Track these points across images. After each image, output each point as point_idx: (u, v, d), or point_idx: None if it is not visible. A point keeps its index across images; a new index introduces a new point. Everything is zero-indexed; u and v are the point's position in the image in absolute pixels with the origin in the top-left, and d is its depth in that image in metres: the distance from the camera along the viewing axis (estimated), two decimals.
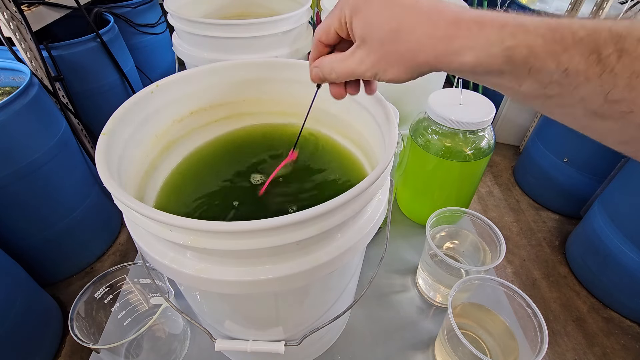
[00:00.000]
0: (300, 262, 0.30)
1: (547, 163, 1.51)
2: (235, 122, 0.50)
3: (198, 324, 0.40)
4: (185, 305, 0.52)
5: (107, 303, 0.51)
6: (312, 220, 0.26)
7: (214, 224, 0.24)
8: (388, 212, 0.38)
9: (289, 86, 0.47)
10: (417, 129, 0.61)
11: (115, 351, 0.45)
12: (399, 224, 0.72)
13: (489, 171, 1.81)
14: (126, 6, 1.70)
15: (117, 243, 1.42)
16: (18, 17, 1.06)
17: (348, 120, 0.46)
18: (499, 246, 0.51)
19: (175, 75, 0.42)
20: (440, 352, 0.49)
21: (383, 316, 0.56)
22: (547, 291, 1.29)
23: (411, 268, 0.63)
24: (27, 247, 1.10)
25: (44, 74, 1.16)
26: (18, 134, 0.96)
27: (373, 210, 0.34)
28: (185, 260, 0.30)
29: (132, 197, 0.26)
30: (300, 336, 0.41)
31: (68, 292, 1.24)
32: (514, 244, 1.46)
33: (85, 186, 1.23)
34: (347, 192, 0.27)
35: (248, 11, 0.88)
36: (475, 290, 0.51)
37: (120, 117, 0.36)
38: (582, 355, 1.12)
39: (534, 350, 0.41)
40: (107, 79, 1.45)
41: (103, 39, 1.36)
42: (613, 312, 1.22)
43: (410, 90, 0.72)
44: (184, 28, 0.66)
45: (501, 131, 1.92)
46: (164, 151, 0.44)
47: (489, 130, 0.58)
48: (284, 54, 0.70)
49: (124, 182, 0.35)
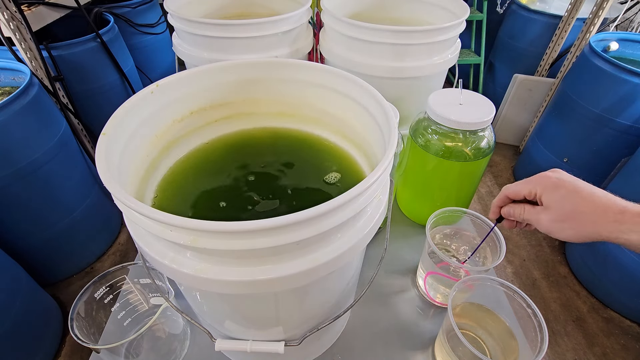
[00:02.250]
0: (300, 262, 0.30)
1: (547, 163, 1.51)
2: (235, 122, 0.50)
3: (198, 324, 0.41)
4: (185, 305, 0.52)
5: (107, 303, 0.51)
6: (312, 220, 0.26)
7: (214, 224, 0.24)
8: (388, 212, 0.38)
9: (289, 86, 0.47)
10: (417, 129, 0.61)
11: (115, 351, 0.45)
12: (399, 224, 0.72)
13: (489, 171, 1.81)
14: (126, 6, 1.70)
15: (117, 243, 1.42)
16: (18, 17, 1.06)
17: (348, 121, 0.46)
18: (499, 246, 0.51)
19: (175, 75, 0.42)
20: (440, 352, 0.49)
21: (383, 316, 0.56)
22: (547, 291, 1.29)
23: (411, 268, 0.63)
24: (27, 247, 1.10)
25: (44, 74, 1.16)
26: (18, 134, 0.96)
27: (373, 210, 0.34)
28: (185, 260, 0.30)
29: (132, 197, 0.26)
30: (300, 336, 0.41)
31: (68, 292, 1.24)
32: (514, 244, 1.46)
33: (85, 186, 1.23)
34: (347, 192, 0.27)
35: (248, 11, 0.88)
36: (475, 290, 0.51)
37: (120, 117, 0.36)
38: (582, 355, 1.12)
39: (534, 350, 0.41)
40: (107, 79, 1.45)
41: (103, 39, 1.36)
42: (613, 312, 1.22)
43: (410, 90, 0.72)
44: (184, 28, 0.66)
45: (501, 131, 1.92)
46: (164, 151, 0.44)
47: (489, 130, 0.58)
48: (284, 54, 0.70)
49: (124, 182, 0.35)
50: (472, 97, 0.59)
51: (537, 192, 0.37)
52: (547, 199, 0.36)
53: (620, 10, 1.65)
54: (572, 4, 1.57)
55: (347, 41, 0.68)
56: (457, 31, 0.68)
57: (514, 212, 0.40)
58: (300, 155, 0.48)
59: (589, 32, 1.51)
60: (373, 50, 0.66)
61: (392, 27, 0.62)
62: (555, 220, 0.35)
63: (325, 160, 0.47)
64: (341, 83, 0.44)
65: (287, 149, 0.49)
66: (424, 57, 0.67)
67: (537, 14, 1.74)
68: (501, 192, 0.42)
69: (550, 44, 1.70)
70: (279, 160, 0.47)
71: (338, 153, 0.48)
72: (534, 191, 0.37)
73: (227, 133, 0.50)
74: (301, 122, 0.51)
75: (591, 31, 1.50)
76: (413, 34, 0.63)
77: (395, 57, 0.66)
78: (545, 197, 0.36)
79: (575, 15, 1.57)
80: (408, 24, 0.84)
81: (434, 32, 0.64)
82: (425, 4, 0.80)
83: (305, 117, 0.50)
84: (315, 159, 0.48)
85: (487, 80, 2.12)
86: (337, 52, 0.71)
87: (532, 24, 1.77)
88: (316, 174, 0.45)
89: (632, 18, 1.73)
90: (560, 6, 1.75)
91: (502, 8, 1.95)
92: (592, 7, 1.47)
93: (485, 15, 1.91)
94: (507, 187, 0.41)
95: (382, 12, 0.85)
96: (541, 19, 1.73)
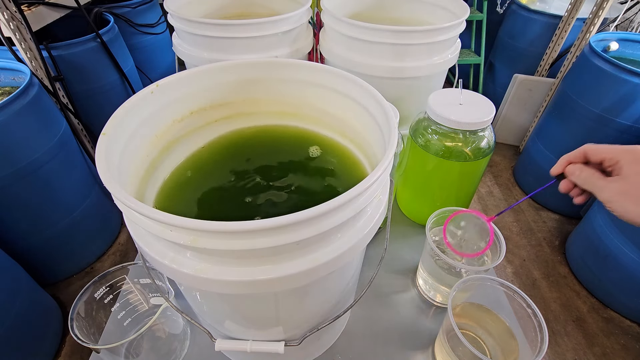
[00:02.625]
0: (300, 262, 0.30)
1: (547, 163, 1.51)
2: (235, 122, 0.50)
3: (198, 324, 0.41)
4: (185, 305, 0.52)
5: (107, 303, 0.51)
6: (312, 220, 0.26)
7: (214, 224, 0.24)
8: (388, 212, 0.38)
9: (289, 86, 0.47)
10: (417, 129, 0.61)
11: (115, 351, 0.45)
12: (399, 224, 0.72)
13: (489, 171, 1.81)
14: (126, 6, 1.70)
15: (117, 243, 1.42)
16: (18, 17, 1.06)
17: (348, 121, 0.46)
18: (499, 246, 0.51)
19: (175, 75, 0.42)
20: (440, 352, 0.49)
21: (383, 316, 0.56)
22: (547, 291, 1.29)
23: (411, 268, 0.63)
24: (27, 247, 1.10)
25: (44, 74, 1.16)
26: (18, 134, 0.96)
27: (373, 210, 0.34)
28: (185, 260, 0.30)
29: (132, 197, 0.26)
30: (300, 336, 0.41)
31: (68, 292, 1.24)
32: (514, 244, 1.46)
33: (85, 186, 1.23)
34: (347, 192, 0.27)
35: (248, 11, 0.88)
36: (475, 290, 0.51)
37: (120, 117, 0.36)
38: (582, 355, 1.12)
39: (534, 350, 0.41)
40: (107, 79, 1.45)
41: (103, 39, 1.36)
42: (613, 312, 1.22)
43: (410, 90, 0.72)
44: (184, 28, 0.66)
45: (501, 131, 1.92)
46: (164, 151, 0.44)
47: (489, 130, 0.58)
48: (284, 54, 0.70)
49: (124, 182, 0.35)
50: (472, 97, 0.59)
51: (620, 160, 0.34)
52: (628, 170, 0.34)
53: (620, 10, 1.65)
54: (572, 4, 1.57)
55: (347, 41, 0.68)
56: (457, 31, 0.68)
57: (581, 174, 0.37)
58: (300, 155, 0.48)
59: (589, 32, 1.51)
60: (373, 50, 0.66)
61: (392, 27, 0.62)
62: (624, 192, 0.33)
63: (326, 160, 0.47)
64: (341, 83, 0.44)
65: (287, 148, 0.49)
66: (424, 57, 0.67)
67: (537, 14, 1.74)
68: (579, 148, 0.39)
69: (550, 44, 1.70)
70: (279, 160, 0.47)
71: (338, 153, 0.48)
72: (616, 159, 0.35)
73: (227, 133, 0.50)
74: (301, 122, 0.51)
75: (591, 31, 1.50)
76: (413, 34, 0.63)
77: (395, 57, 0.66)
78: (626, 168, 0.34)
79: (575, 15, 1.57)
80: (408, 24, 0.84)
81: (434, 32, 0.64)
82: (425, 4, 0.80)
83: (306, 117, 0.50)
84: (316, 159, 0.48)
85: (487, 80, 2.12)
86: (337, 52, 0.71)
87: (532, 24, 1.77)
88: (316, 173, 0.45)
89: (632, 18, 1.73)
90: (560, 6, 1.75)
91: (502, 8, 1.95)
92: (592, 7, 1.47)
93: (485, 15, 1.91)
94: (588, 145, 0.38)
95: (382, 12, 0.85)
96: (541, 19, 1.73)
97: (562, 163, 0.40)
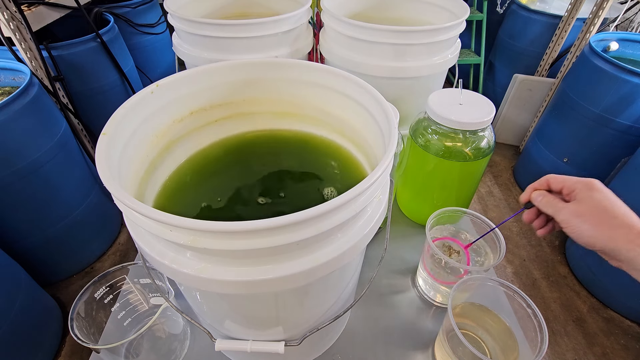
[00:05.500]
0: (300, 262, 0.30)
1: (547, 163, 1.51)
2: (235, 122, 0.50)
3: (198, 324, 0.41)
4: (185, 305, 0.52)
5: (107, 303, 0.51)
6: (312, 220, 0.26)
7: (214, 224, 0.24)
8: (388, 212, 0.38)
9: (289, 86, 0.47)
10: (417, 129, 0.61)
11: (115, 351, 0.45)
12: (399, 224, 0.72)
13: (489, 171, 1.81)
14: (126, 6, 1.69)
15: (117, 243, 1.42)
16: (18, 17, 1.06)
17: (348, 121, 0.46)
18: (499, 246, 0.51)
19: (175, 75, 0.42)
20: (440, 352, 0.49)
21: (383, 316, 0.56)
22: (547, 291, 1.29)
23: (411, 268, 0.63)
24: (27, 247, 1.10)
25: (44, 74, 1.16)
26: (18, 134, 0.96)
27: (373, 210, 0.34)
28: (185, 260, 0.30)
29: (132, 197, 0.26)
30: (301, 336, 0.41)
31: (68, 292, 1.24)
32: (514, 244, 1.46)
33: (85, 186, 1.23)
34: (347, 192, 0.27)
35: (248, 11, 0.88)
36: (475, 290, 0.51)
37: (120, 117, 0.36)
38: (582, 355, 1.12)
39: (534, 350, 0.41)
40: (107, 79, 1.44)
41: (103, 39, 1.36)
42: (613, 312, 1.22)
43: (410, 90, 0.72)
44: (184, 28, 0.66)
45: (501, 131, 1.92)
46: (164, 151, 0.44)
47: (489, 130, 0.58)
48: (284, 54, 0.70)
49: (124, 182, 0.35)
50: (472, 97, 0.59)
51: (576, 188, 0.38)
52: (582, 195, 0.37)
53: (620, 10, 1.65)
54: (572, 4, 1.57)
55: (347, 41, 0.68)
56: (457, 31, 0.68)
57: (543, 199, 0.41)
58: (300, 155, 0.48)
59: (589, 32, 1.51)
60: (373, 50, 0.66)
61: (392, 27, 0.62)
62: (579, 213, 0.37)
63: (326, 160, 0.47)
64: (341, 83, 0.44)
65: (287, 148, 0.50)
66: (424, 57, 0.67)
67: (537, 14, 1.74)
68: (542, 178, 0.43)
69: (550, 44, 1.70)
70: (279, 160, 0.47)
71: (338, 153, 0.48)
72: (573, 187, 0.38)
73: (227, 133, 0.50)
74: (301, 122, 0.51)
75: (591, 31, 1.50)
76: (413, 34, 0.63)
77: (395, 57, 0.66)
78: (581, 193, 0.37)
79: (575, 15, 1.57)
80: (408, 24, 0.84)
81: (434, 32, 0.64)
82: (425, 4, 0.80)
83: (306, 117, 0.50)
84: (315, 159, 0.48)
85: (487, 80, 2.12)
86: (337, 52, 0.71)
87: (532, 24, 1.77)
88: (316, 173, 0.45)
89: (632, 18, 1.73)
90: (560, 6, 1.75)
91: (502, 8, 1.95)
92: (592, 7, 1.47)
93: (485, 15, 1.91)
94: (550, 175, 0.42)
95: (382, 12, 0.85)
96: (541, 19, 1.73)
97: (528, 191, 0.44)
